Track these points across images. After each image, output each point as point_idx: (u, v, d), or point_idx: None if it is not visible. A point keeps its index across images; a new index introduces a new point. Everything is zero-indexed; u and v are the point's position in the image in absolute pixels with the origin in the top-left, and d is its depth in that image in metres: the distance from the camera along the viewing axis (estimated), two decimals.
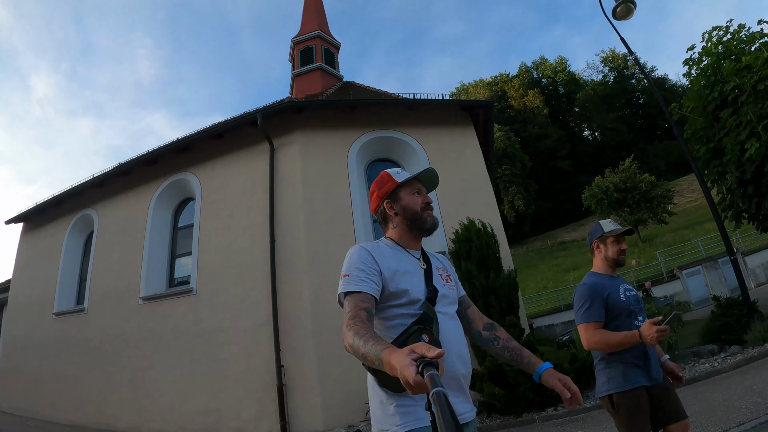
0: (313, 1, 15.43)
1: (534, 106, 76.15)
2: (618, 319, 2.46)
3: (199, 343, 8.61)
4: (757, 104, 8.83)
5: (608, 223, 2.72)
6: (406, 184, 1.75)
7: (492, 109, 9.96)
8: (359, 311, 1.43)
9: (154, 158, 10.63)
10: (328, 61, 13.82)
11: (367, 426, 7.02)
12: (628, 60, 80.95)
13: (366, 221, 8.85)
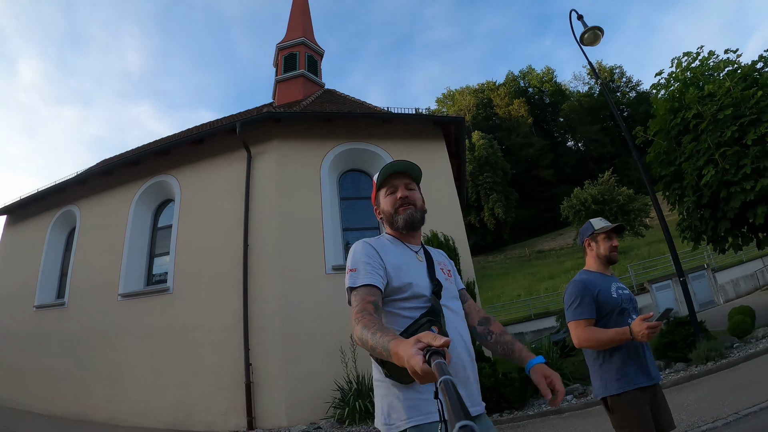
0: (300, 7, 15.76)
1: (519, 115, 76.97)
2: (609, 316, 2.45)
3: (174, 340, 9.03)
4: (716, 132, 9.31)
5: (599, 220, 2.72)
6: (381, 186, 1.79)
7: (463, 125, 10.44)
8: (366, 304, 1.45)
9: (137, 159, 10.99)
10: (311, 68, 14.19)
11: (327, 423, 7.53)
12: (614, 73, 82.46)
13: (336, 231, 9.31)
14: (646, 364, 2.38)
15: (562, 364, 8.24)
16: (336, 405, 7.57)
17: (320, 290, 8.59)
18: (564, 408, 6.71)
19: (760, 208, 8.86)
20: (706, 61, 10.58)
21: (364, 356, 7.72)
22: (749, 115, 8.93)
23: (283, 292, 8.58)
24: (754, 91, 8.97)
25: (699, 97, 9.76)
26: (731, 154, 8.99)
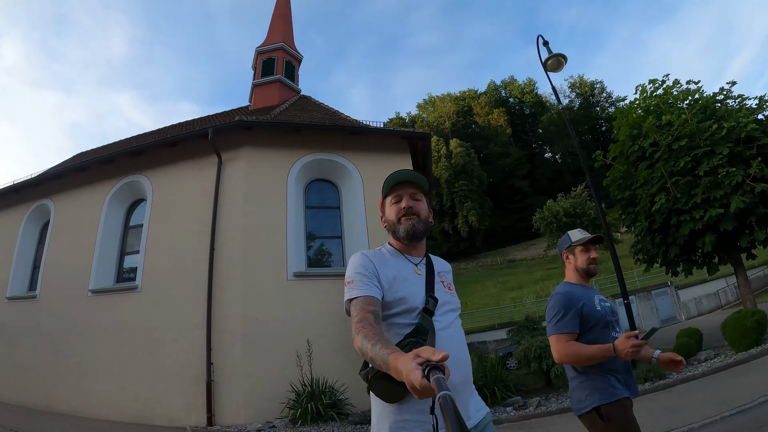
0: (281, 12, 16.01)
1: (498, 125, 78.23)
2: (594, 330, 2.39)
3: (140, 337, 9.40)
4: (670, 162, 9.82)
5: (576, 232, 2.65)
6: (387, 194, 1.78)
7: (429, 140, 10.91)
8: (366, 314, 1.44)
9: (112, 158, 11.26)
10: (288, 73, 14.50)
11: (281, 423, 8.00)
12: (595, 87, 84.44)
13: (299, 239, 9.74)
14: (631, 380, 2.39)
15: (508, 376, 8.78)
16: (290, 406, 8.04)
17: (281, 296, 9.04)
18: (502, 419, 7.23)
19: (708, 236, 9.41)
20: (670, 89, 11.05)
21: (319, 361, 8.24)
22: (703, 147, 9.43)
23: (246, 296, 9.01)
24: (710, 124, 9.45)
25: (657, 126, 10.22)
26: (683, 184, 9.51)
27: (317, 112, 12.25)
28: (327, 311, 8.96)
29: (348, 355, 8.67)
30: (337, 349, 8.60)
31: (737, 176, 9.00)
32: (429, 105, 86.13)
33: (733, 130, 9.34)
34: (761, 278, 25.47)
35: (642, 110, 10.98)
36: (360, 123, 11.69)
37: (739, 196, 8.94)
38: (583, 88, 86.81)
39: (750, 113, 9.72)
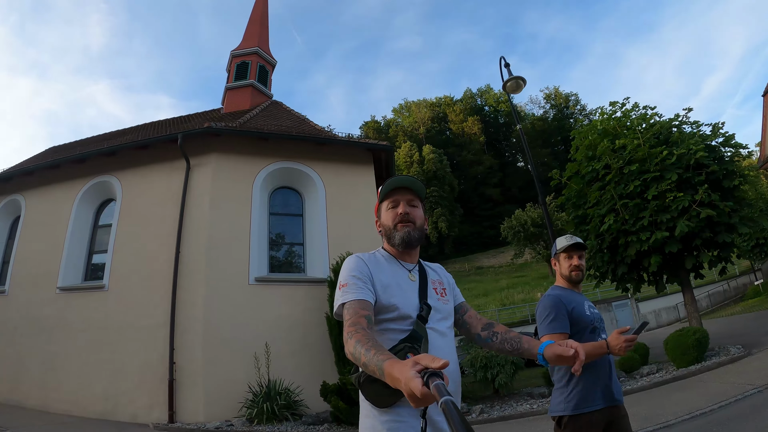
0: (258, 16, 16.20)
1: (472, 133, 79.37)
2: (583, 333, 2.45)
3: (106, 335, 9.70)
4: (621, 184, 10.30)
5: (563, 239, 2.70)
6: (383, 199, 1.78)
7: (392, 153, 11.32)
8: (359, 318, 1.43)
9: (84, 158, 11.47)
10: (261, 78, 14.76)
11: (239, 422, 8.42)
12: (569, 100, 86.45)
13: (262, 245, 10.12)
14: (611, 386, 2.40)
15: None
16: (248, 405, 8.45)
17: (242, 300, 9.43)
18: None
19: (654, 257, 9.94)
20: (629, 113, 11.50)
21: (277, 364, 8.66)
22: (653, 172, 9.88)
23: (209, 299, 9.37)
24: (661, 149, 9.88)
25: (612, 149, 10.67)
26: (632, 206, 9.99)
27: (287, 119, 12.57)
28: (286, 316, 9.39)
29: (305, 358, 9.13)
30: (294, 353, 9.03)
31: (684, 201, 9.46)
32: (404, 110, 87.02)
33: (684, 156, 9.78)
34: (720, 293, 26.95)
35: (600, 132, 11.40)
36: (327, 131, 12.09)
37: (684, 220, 9.40)
38: (558, 100, 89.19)
39: (702, 140, 10.18)
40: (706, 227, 9.66)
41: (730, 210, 9.69)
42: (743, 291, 27.07)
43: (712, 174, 9.83)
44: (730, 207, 9.60)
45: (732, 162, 10.25)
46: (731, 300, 26.87)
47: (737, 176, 9.88)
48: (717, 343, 10.73)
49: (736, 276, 28.54)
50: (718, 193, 9.82)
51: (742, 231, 9.67)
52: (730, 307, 24.22)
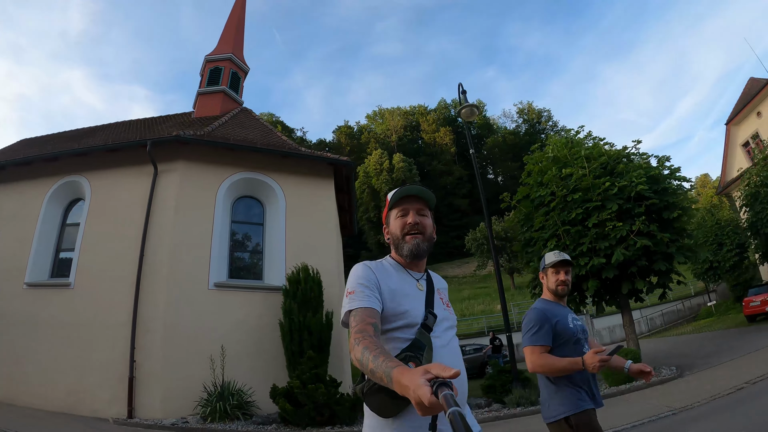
0: (235, 22, 16.56)
1: (443, 143, 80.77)
2: (566, 346, 2.59)
3: (72, 331, 10.10)
4: (564, 211, 10.88)
5: (551, 254, 2.83)
6: (393, 206, 1.78)
7: (352, 168, 11.90)
8: (366, 326, 1.44)
9: (56, 157, 11.80)
10: (233, 85, 15.18)
11: (193, 419, 8.97)
12: (542, 115, 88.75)
13: (222, 252, 10.63)
14: (594, 391, 2.58)
15: None
16: (202, 404, 9.00)
17: (201, 304, 9.95)
18: None
19: (591, 282, 10.58)
20: (583, 141, 12.07)
21: (232, 366, 9.20)
22: (595, 201, 10.47)
23: (169, 301, 9.87)
24: (604, 180, 10.47)
25: (559, 177, 11.20)
26: (573, 232, 10.61)
27: (254, 128, 13.04)
28: (243, 320, 9.95)
29: (258, 362, 9.70)
30: (249, 356, 9.60)
31: (623, 230, 10.08)
32: (378, 117, 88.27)
33: (626, 188, 10.38)
34: (674, 312, 28.37)
35: (551, 158, 11.96)
36: (292, 143, 12.57)
37: (621, 249, 10.03)
38: (531, 115, 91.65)
39: (645, 172, 10.74)
40: (642, 256, 10.28)
41: (669, 240, 10.34)
42: (697, 311, 28.32)
43: (653, 205, 10.44)
44: (668, 237, 10.25)
45: (675, 194, 10.87)
46: (684, 319, 28.02)
47: (677, 209, 10.49)
48: (655, 363, 11.44)
49: (691, 296, 29.88)
50: (656, 224, 10.42)
51: (678, 260, 10.37)
52: (683, 327, 25.29)
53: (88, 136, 14.42)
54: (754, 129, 27.22)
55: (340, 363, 10.09)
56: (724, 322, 21.06)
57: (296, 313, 9.23)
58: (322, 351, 9.16)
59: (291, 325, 9.20)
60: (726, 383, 8.33)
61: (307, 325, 9.13)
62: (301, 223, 11.06)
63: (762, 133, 26.60)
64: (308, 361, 8.67)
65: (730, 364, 10.19)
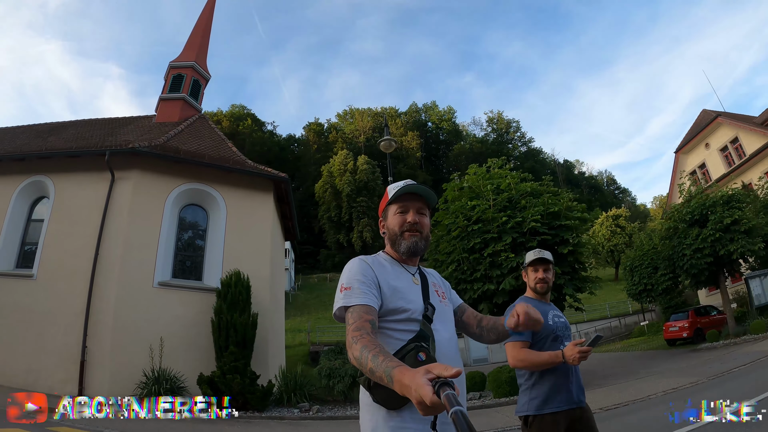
0: (201, 29, 17.64)
1: (410, 147, 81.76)
2: (544, 341, 2.63)
3: (33, 317, 11.48)
4: (464, 240, 12.03)
5: (530, 253, 2.89)
6: (394, 201, 1.77)
7: (289, 184, 13.34)
8: (364, 323, 1.44)
9: (23, 157, 13.06)
10: (194, 91, 16.41)
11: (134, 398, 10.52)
12: (511, 126, 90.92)
13: (167, 254, 12.09)
14: (571, 389, 2.57)
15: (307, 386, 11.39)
16: (141, 387, 10.54)
17: (147, 299, 11.42)
18: (285, 416, 9.95)
19: (484, 304, 11.78)
20: (496, 175, 13.11)
21: (169, 355, 10.72)
22: (492, 233, 11.64)
23: (119, 296, 11.32)
24: (503, 215, 11.61)
25: (465, 208, 12.32)
26: (471, 260, 11.83)
27: (207, 139, 14.39)
28: (182, 316, 11.45)
29: (193, 353, 11.20)
30: (184, 347, 11.12)
31: (514, 261, 11.15)
32: (349, 116, 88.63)
33: (521, 223, 11.50)
34: (607, 328, 29.93)
35: (464, 188, 13.05)
36: (239, 156, 13.93)
37: (511, 278, 11.12)
38: (500, 125, 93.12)
39: (547, 209, 11.72)
40: None
41: (562, 272, 11.51)
42: (632, 329, 29.60)
43: (547, 240, 11.44)
44: (559, 270, 11.37)
45: (572, 230, 11.89)
46: (618, 336, 29.22)
47: (570, 245, 11.60)
48: None
49: (629, 314, 31.58)
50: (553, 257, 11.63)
51: (567, 292, 11.52)
52: (614, 344, 26.44)
53: (56, 132, 15.64)
54: (702, 159, 28.48)
55: (265, 358, 11.66)
56: (650, 343, 22.17)
57: (225, 313, 10.74)
58: (245, 347, 10.67)
59: (220, 323, 10.71)
60: (598, 404, 9.02)
61: (234, 323, 10.64)
62: (239, 231, 12.53)
63: (708, 163, 28.02)
64: (230, 355, 10.23)
65: (618, 385, 10.70)
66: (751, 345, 13.84)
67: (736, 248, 16.15)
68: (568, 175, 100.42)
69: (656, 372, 12.22)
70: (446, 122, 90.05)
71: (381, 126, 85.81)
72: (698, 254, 17.09)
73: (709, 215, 17.01)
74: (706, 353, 14.90)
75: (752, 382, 8.23)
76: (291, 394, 10.72)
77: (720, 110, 29.74)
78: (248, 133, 77.67)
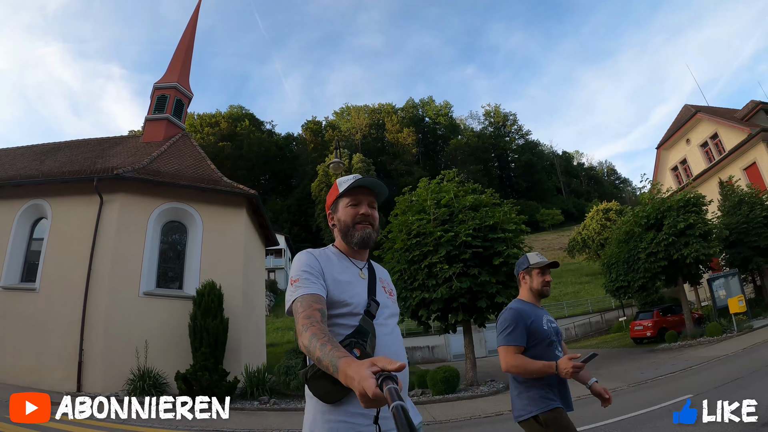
0: (182, 52, 19.21)
1: (406, 143, 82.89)
2: (539, 346, 2.63)
3: (36, 324, 13.16)
4: (405, 252, 13.43)
5: (534, 255, 2.84)
6: (345, 194, 1.80)
7: (258, 199, 15.04)
8: (313, 312, 1.48)
9: (21, 184, 14.74)
10: (177, 111, 18.02)
11: (122, 393, 12.22)
12: (508, 119, 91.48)
13: (151, 267, 13.75)
14: (567, 394, 2.63)
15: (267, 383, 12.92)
16: (129, 383, 12.23)
17: (133, 307, 13.10)
18: (246, 407, 11.65)
19: (422, 311, 13.21)
20: (444, 188, 14.20)
21: (153, 356, 12.37)
22: (429, 246, 12.88)
23: (109, 304, 13.01)
24: (439, 230, 12.82)
25: (407, 223, 13.57)
26: (412, 269, 13.23)
27: (188, 158, 16.03)
28: (165, 321, 13.13)
29: (173, 353, 12.78)
30: (167, 349, 12.76)
31: (448, 272, 12.32)
32: (346, 113, 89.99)
33: (455, 237, 12.65)
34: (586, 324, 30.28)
35: (411, 202, 14.21)
36: (216, 173, 15.58)
37: (444, 287, 12.32)
38: (497, 118, 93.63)
39: (482, 223, 12.82)
40: (466, 293, 12.49)
41: (496, 282, 12.56)
42: (612, 324, 29.22)
43: (479, 253, 12.60)
44: (494, 280, 12.44)
45: (505, 242, 12.96)
46: (598, 331, 29.41)
47: (501, 256, 12.61)
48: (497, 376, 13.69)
49: (611, 309, 31.37)
50: (488, 268, 12.64)
51: (498, 300, 12.46)
52: (592, 339, 27.02)
53: (51, 154, 17.28)
54: (683, 155, 28.60)
55: (237, 357, 13.32)
56: (620, 341, 22.55)
57: (199, 319, 12.38)
58: (217, 348, 12.30)
59: (195, 327, 12.35)
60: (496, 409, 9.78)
61: (206, 328, 12.27)
62: (214, 244, 14.18)
63: (689, 159, 28.14)
64: (201, 355, 11.89)
65: None
66: (701, 349, 14.24)
67: (690, 252, 16.36)
68: (567, 166, 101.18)
69: (598, 375, 13.32)
70: (443, 117, 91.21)
71: (378, 123, 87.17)
72: (652, 258, 17.45)
73: (664, 219, 17.33)
74: (661, 354, 15.43)
75: (660, 394, 8.48)
76: (254, 388, 12.32)
77: (704, 105, 29.93)
78: (246, 134, 79.25)
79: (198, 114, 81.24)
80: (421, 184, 14.79)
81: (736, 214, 19.72)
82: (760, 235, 18.69)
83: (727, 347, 13.16)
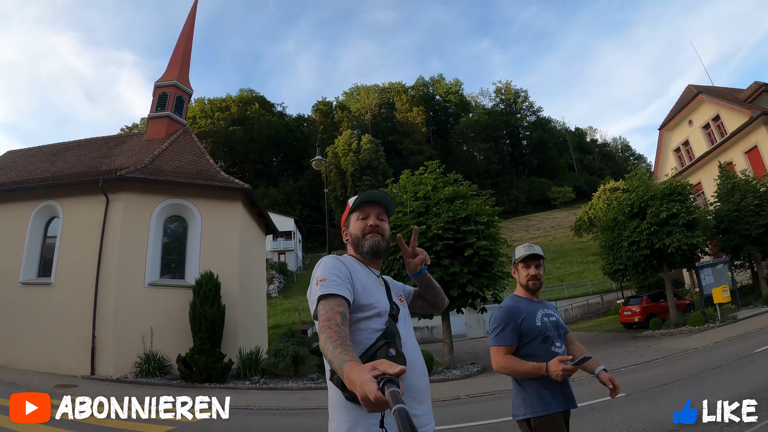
0: (181, 50, 20.02)
1: (415, 123, 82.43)
2: (532, 343, 2.55)
3: (53, 315, 14.40)
4: None
5: (521, 248, 2.75)
6: (354, 209, 1.90)
7: (252, 192, 16.06)
8: (334, 314, 1.51)
9: (33, 187, 15.92)
10: (178, 107, 18.96)
11: (131, 375, 13.51)
12: (519, 96, 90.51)
13: (155, 259, 14.92)
14: (568, 391, 2.56)
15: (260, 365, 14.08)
16: (136, 366, 13.50)
17: (140, 297, 14.31)
18: (239, 386, 12.84)
19: None
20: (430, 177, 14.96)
21: (158, 341, 13.61)
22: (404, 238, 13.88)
23: (117, 296, 14.22)
24: (413, 223, 13.71)
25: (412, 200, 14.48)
26: (389, 260, 13.93)
27: (188, 154, 17.09)
28: (168, 309, 14.32)
29: (177, 338, 13.98)
30: (170, 334, 13.97)
31: None
32: (355, 93, 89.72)
33: (427, 230, 13.51)
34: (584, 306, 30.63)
35: (396, 192, 15.00)
36: (215, 168, 16.67)
37: None
38: (508, 95, 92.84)
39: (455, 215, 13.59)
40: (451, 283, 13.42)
41: (468, 272, 13.42)
42: (610, 306, 29.02)
43: (452, 245, 13.43)
44: (465, 270, 13.33)
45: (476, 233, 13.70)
46: (596, 314, 29.59)
47: (472, 248, 13.46)
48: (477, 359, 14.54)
49: (611, 290, 31.40)
50: (459, 258, 13.44)
51: (469, 290, 13.44)
52: (589, 321, 27.36)
53: (61, 155, 18.43)
54: (685, 136, 28.16)
55: (235, 341, 14.51)
56: (612, 325, 22.78)
57: (198, 306, 13.53)
58: (214, 333, 13.46)
59: (194, 314, 13.52)
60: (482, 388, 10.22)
61: (204, 314, 13.42)
62: (212, 236, 15.27)
63: (692, 141, 27.72)
64: (199, 339, 13.06)
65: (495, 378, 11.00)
66: (679, 339, 14.30)
67: (672, 242, 16.39)
68: (580, 142, 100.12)
69: None
70: (453, 95, 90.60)
71: (388, 102, 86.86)
72: (634, 246, 17.51)
73: (647, 208, 17.33)
74: (641, 341, 15.60)
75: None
76: (247, 369, 13.51)
77: (708, 85, 29.27)
78: (256, 117, 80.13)
79: (208, 99, 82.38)
80: (403, 176, 15.62)
81: (728, 201, 19.57)
82: (750, 224, 18.44)
83: (703, 339, 13.22)
